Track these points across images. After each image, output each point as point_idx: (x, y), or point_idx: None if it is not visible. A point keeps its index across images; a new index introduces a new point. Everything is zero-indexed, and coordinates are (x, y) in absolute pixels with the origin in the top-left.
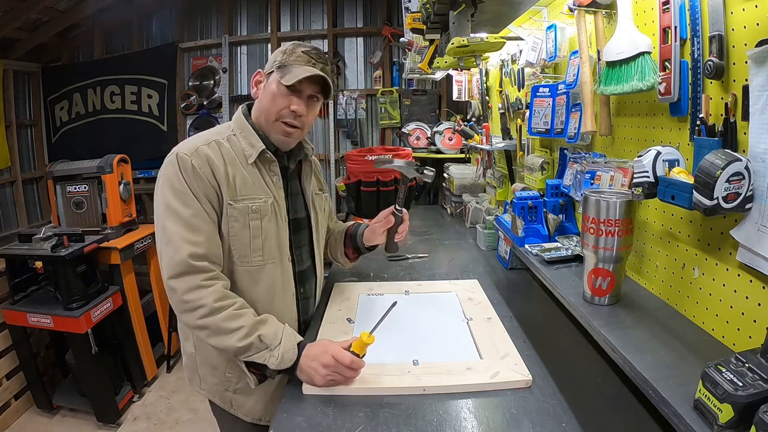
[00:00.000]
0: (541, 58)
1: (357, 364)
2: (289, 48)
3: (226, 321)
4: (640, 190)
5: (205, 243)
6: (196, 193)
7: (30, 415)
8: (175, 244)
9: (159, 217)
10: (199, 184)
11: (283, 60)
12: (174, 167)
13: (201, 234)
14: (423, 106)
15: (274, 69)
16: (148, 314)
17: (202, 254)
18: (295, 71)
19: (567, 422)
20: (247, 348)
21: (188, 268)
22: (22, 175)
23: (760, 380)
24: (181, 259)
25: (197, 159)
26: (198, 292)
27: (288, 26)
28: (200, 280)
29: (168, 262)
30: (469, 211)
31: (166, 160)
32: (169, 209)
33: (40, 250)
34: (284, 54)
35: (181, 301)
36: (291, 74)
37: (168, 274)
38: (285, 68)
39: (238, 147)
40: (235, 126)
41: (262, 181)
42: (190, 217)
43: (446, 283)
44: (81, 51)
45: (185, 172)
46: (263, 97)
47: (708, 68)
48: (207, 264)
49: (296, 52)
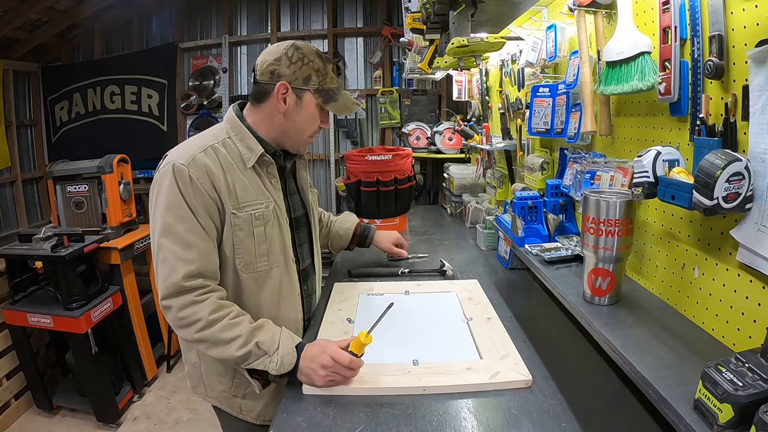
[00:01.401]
0: (541, 58)
1: (355, 363)
2: (321, 66)
3: (222, 331)
4: (640, 190)
5: (198, 260)
6: (193, 207)
7: (30, 415)
8: (170, 263)
9: (155, 231)
10: (197, 198)
11: (320, 83)
12: (170, 179)
13: (195, 251)
14: (423, 106)
15: (311, 90)
16: (148, 314)
17: (196, 272)
18: (341, 102)
19: (567, 422)
20: (247, 356)
21: (182, 289)
22: (22, 175)
23: (760, 380)
24: (175, 281)
25: (195, 170)
26: (193, 307)
27: (288, 26)
28: (194, 296)
29: (162, 283)
30: (469, 211)
31: (161, 170)
32: (165, 225)
33: (40, 250)
34: (318, 74)
35: (177, 318)
36: (338, 104)
37: (162, 295)
38: (325, 93)
39: (235, 151)
40: (230, 128)
41: (262, 186)
42: (184, 232)
43: (446, 283)
44: (81, 51)
45: (182, 185)
46: (298, 117)
47: (708, 68)
48: (201, 281)
49: (329, 72)
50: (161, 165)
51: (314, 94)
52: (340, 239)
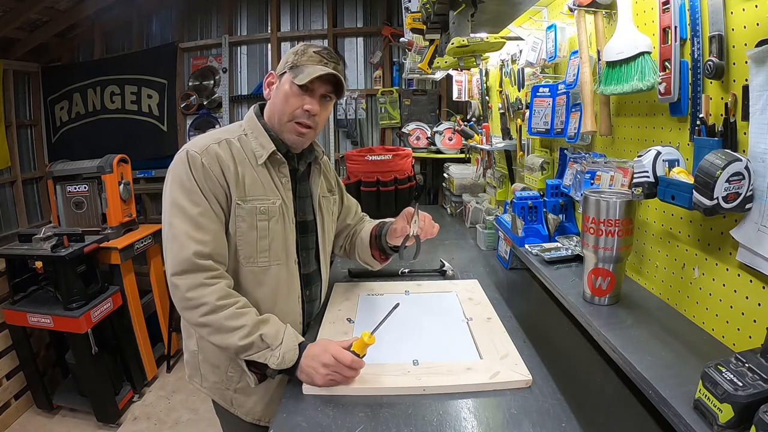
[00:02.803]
0: (541, 58)
1: (357, 363)
2: (300, 49)
3: (228, 319)
4: (640, 190)
5: (210, 242)
6: (205, 192)
7: (30, 415)
8: (180, 241)
9: (166, 213)
10: (208, 183)
11: (295, 60)
12: (184, 165)
13: (207, 233)
14: (423, 106)
15: (287, 70)
16: (148, 314)
17: (207, 253)
18: (307, 71)
19: (567, 422)
20: (249, 347)
21: (192, 266)
22: (22, 175)
23: (760, 380)
24: (186, 257)
25: (207, 157)
26: (201, 289)
27: (288, 26)
28: (203, 278)
29: (172, 259)
30: (469, 211)
31: (176, 157)
32: (177, 206)
33: (40, 250)
34: (296, 55)
35: (184, 299)
36: (304, 74)
37: (172, 271)
38: (297, 68)
39: (249, 147)
40: (247, 126)
41: (271, 182)
42: (197, 215)
43: (446, 283)
44: (81, 51)
45: (195, 170)
46: (276, 98)
47: (708, 68)
48: (211, 263)
49: (308, 52)
50: (177, 154)
51: (289, 73)
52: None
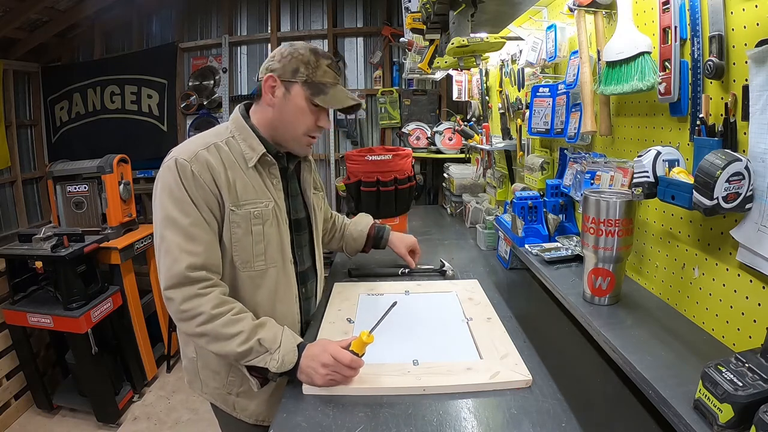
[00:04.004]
0: (541, 58)
1: (356, 363)
2: (312, 59)
3: (225, 327)
4: (640, 190)
5: (203, 253)
6: (196, 201)
7: (30, 415)
8: (173, 254)
9: (158, 225)
10: (199, 192)
11: (309, 75)
12: (173, 174)
13: (199, 243)
14: (423, 106)
15: (299, 82)
16: (148, 314)
17: (200, 264)
18: (332, 95)
19: (567, 422)
20: (248, 352)
21: (185, 279)
22: (22, 175)
23: (760, 380)
24: (179, 271)
25: (197, 165)
26: (195, 300)
27: (288, 26)
28: (197, 289)
29: (165, 273)
30: (469, 211)
31: (164, 165)
32: (168, 218)
33: (40, 250)
34: (308, 67)
35: (179, 311)
36: (328, 97)
37: (165, 285)
38: (315, 86)
39: (238, 150)
40: (234, 127)
41: (263, 185)
42: (188, 226)
43: (446, 283)
44: (81, 51)
45: (185, 179)
46: (286, 109)
47: (708, 68)
48: (204, 273)
49: (321, 66)
50: (164, 161)
51: (302, 87)
52: (354, 242)
